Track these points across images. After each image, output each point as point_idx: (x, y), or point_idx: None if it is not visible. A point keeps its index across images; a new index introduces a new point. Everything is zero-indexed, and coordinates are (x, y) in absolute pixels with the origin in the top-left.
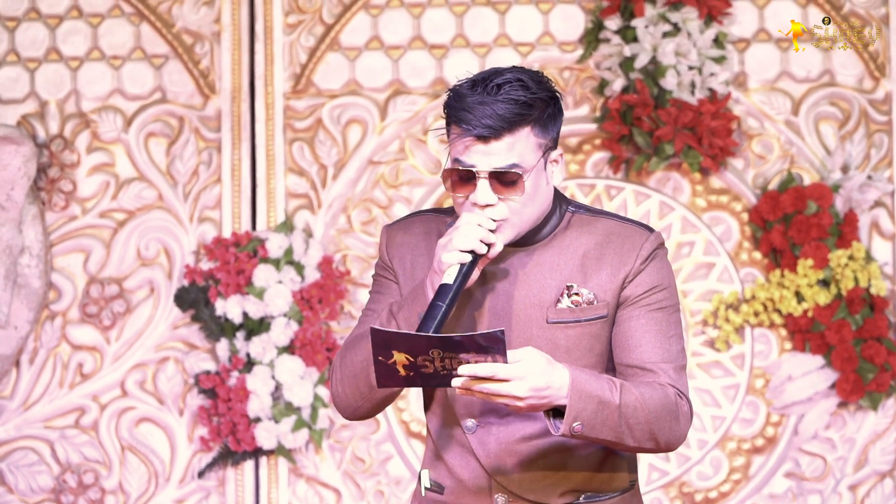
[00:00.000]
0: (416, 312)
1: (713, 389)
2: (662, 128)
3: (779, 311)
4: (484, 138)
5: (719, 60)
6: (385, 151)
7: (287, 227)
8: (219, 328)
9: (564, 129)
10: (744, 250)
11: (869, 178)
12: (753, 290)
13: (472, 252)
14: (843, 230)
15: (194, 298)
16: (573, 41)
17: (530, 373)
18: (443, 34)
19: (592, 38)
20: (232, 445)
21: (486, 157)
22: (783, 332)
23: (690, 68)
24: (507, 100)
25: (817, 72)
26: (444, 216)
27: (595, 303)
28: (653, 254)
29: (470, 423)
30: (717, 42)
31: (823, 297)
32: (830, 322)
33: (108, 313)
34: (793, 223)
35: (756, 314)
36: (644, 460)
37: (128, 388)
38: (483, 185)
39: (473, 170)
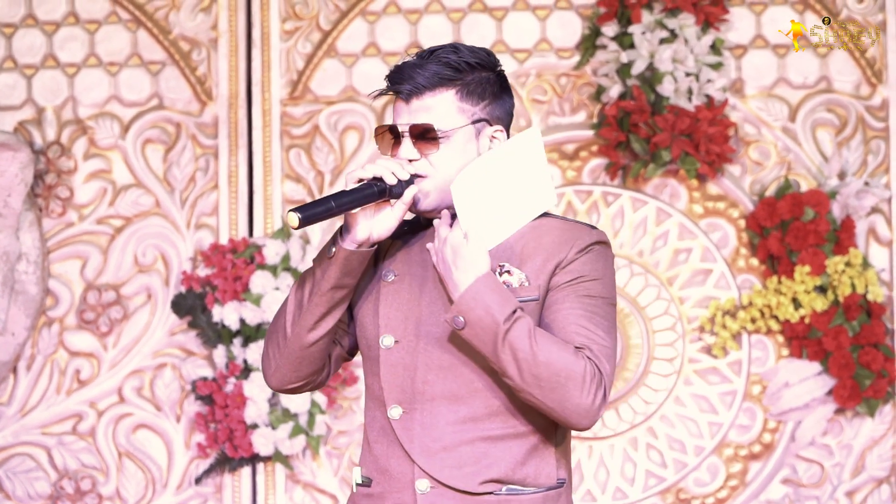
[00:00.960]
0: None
1: (710, 396)
2: (659, 134)
3: (776, 318)
4: (406, 98)
5: (716, 67)
6: None
7: (284, 233)
8: (216, 335)
9: (561, 135)
10: (741, 257)
11: (866, 184)
12: (750, 297)
13: (380, 180)
14: (840, 236)
15: (191, 305)
16: (570, 48)
17: (444, 245)
18: (440, 41)
19: (589, 44)
20: (229, 452)
21: (409, 115)
22: (780, 338)
23: (687, 75)
24: (435, 62)
25: (814, 78)
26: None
27: (526, 285)
28: (590, 247)
29: (396, 411)
30: (714, 48)
31: (820, 304)
32: (827, 328)
33: (105, 320)
34: (790, 230)
35: (753, 321)
36: (641, 466)
37: (125, 394)
38: (406, 142)
39: (398, 126)
